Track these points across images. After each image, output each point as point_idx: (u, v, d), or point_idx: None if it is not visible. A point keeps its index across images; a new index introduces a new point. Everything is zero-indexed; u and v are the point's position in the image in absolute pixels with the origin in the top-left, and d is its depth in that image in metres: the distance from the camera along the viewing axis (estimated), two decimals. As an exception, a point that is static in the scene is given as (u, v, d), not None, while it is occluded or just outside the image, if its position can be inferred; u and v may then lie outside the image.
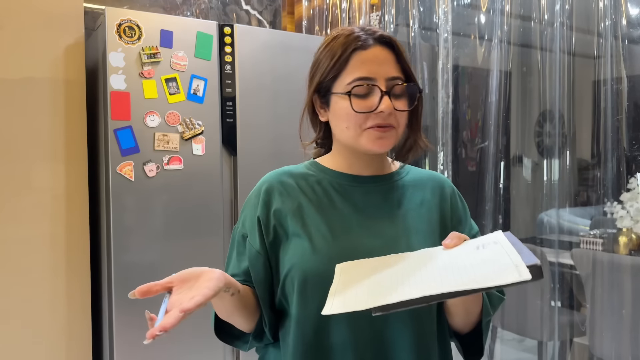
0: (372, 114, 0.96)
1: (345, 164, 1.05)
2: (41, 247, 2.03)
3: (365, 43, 0.98)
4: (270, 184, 1.04)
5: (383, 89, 0.95)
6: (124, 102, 2.00)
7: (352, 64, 0.97)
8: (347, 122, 0.98)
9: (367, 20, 2.69)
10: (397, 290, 0.75)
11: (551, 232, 2.45)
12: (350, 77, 0.97)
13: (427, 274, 0.79)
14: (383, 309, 0.73)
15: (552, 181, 2.24)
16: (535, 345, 2.70)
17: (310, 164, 1.09)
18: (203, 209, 2.14)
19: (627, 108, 1.98)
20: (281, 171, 1.07)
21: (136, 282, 2.16)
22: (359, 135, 0.98)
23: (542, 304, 2.48)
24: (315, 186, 1.04)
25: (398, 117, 0.98)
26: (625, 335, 2.10)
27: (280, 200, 1.02)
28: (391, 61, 0.98)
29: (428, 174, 1.11)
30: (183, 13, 2.82)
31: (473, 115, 2.73)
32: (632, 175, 2.13)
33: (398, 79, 0.98)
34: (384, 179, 1.06)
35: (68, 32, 2.07)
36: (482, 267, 0.75)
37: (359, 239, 0.98)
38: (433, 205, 1.05)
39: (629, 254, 2.25)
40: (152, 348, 2.04)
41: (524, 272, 0.70)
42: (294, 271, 0.97)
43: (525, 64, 2.64)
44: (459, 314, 0.99)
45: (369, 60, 0.97)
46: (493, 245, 0.80)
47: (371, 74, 0.96)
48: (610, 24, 1.96)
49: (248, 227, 1.03)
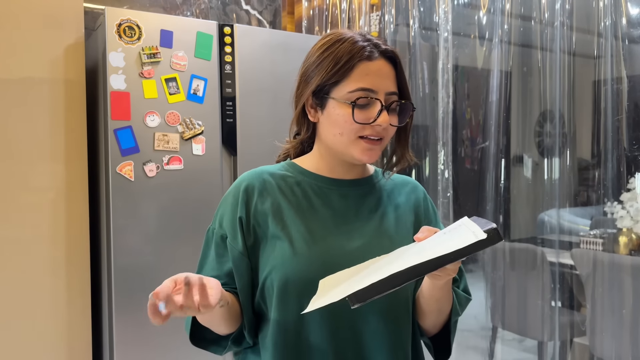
0: (368, 125, 0.97)
1: (326, 168, 1.06)
2: (41, 247, 2.02)
3: (371, 55, 0.99)
4: (249, 182, 1.04)
5: (383, 103, 0.97)
6: (124, 102, 1.99)
7: (356, 73, 0.98)
8: (342, 129, 0.99)
9: (367, 20, 2.68)
10: (367, 280, 0.77)
11: (551, 232, 2.45)
12: (352, 86, 0.97)
13: (399, 263, 0.81)
14: (358, 298, 0.75)
15: (552, 181, 2.24)
16: (535, 345, 2.70)
17: (287, 164, 1.09)
18: (203, 209, 2.14)
19: (627, 108, 1.98)
20: (259, 170, 1.07)
21: (136, 282, 2.17)
22: (351, 144, 0.99)
23: (542, 304, 2.48)
24: (294, 187, 1.04)
25: (389, 132, 1.01)
26: (625, 335, 2.10)
27: (260, 200, 1.02)
28: (392, 76, 1.00)
29: (401, 178, 1.14)
30: (183, 13, 2.82)
31: (473, 115, 2.73)
32: (632, 175, 2.13)
33: (395, 94, 1.00)
34: (361, 183, 1.07)
35: (68, 32, 2.07)
36: (446, 243, 0.80)
37: (338, 242, 0.99)
38: (407, 208, 1.08)
39: (629, 254, 2.25)
40: (152, 348, 2.04)
41: (480, 234, 0.76)
42: (274, 274, 0.97)
43: (526, 64, 2.63)
44: (432, 313, 1.02)
45: (373, 72, 0.98)
46: (458, 227, 0.85)
47: (374, 86, 0.97)
48: (610, 23, 1.96)
49: (228, 227, 1.02)
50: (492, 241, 0.76)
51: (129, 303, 2.01)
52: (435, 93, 2.45)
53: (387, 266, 0.83)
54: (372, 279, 0.76)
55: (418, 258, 0.78)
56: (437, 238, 0.86)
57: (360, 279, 0.81)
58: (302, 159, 1.09)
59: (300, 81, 1.07)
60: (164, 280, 0.83)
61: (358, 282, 0.80)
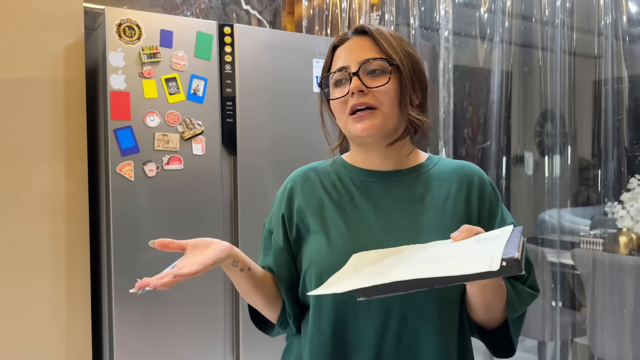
0: (349, 98, 0.97)
1: (361, 159, 1.05)
2: (41, 247, 2.02)
3: (343, 39, 1.02)
4: (294, 181, 1.07)
5: (352, 72, 0.97)
6: (124, 102, 1.99)
7: (334, 60, 1.02)
8: (336, 114, 1.01)
9: (367, 20, 2.68)
10: (380, 278, 0.76)
11: (552, 232, 2.45)
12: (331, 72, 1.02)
13: (415, 264, 0.79)
14: (364, 294, 0.75)
15: (552, 181, 2.23)
16: (536, 345, 2.70)
17: (335, 160, 1.10)
18: (203, 209, 2.14)
19: (627, 108, 1.98)
20: (308, 167, 1.09)
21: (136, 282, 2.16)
22: (347, 124, 0.99)
23: (542, 304, 2.48)
24: (336, 182, 1.05)
25: (378, 96, 0.96)
26: (625, 335, 2.10)
27: (303, 197, 1.04)
28: (366, 46, 0.99)
29: (457, 164, 1.06)
30: (183, 13, 2.82)
31: (474, 114, 2.72)
32: (633, 175, 2.12)
33: (374, 59, 0.97)
34: (405, 173, 1.03)
35: (68, 32, 2.07)
36: (464, 258, 0.75)
37: (375, 236, 0.97)
38: (459, 200, 1.00)
39: (629, 254, 2.25)
40: (152, 348, 2.04)
41: (495, 264, 0.70)
42: (311, 268, 0.98)
43: (526, 64, 2.63)
44: (479, 309, 0.96)
45: (344, 51, 1.01)
46: (494, 239, 0.79)
47: (345, 62, 0.99)
48: (611, 23, 1.96)
49: (274, 223, 1.06)
50: (505, 273, 0.69)
51: (129, 303, 2.01)
52: (436, 93, 2.45)
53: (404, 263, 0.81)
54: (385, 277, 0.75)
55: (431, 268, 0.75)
56: (468, 245, 0.81)
57: (379, 271, 0.80)
58: (348, 154, 1.10)
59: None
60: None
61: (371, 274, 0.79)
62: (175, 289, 2.07)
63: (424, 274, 0.73)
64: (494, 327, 1.02)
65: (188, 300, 2.10)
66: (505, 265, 0.69)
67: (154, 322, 2.05)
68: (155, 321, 2.05)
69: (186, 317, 2.10)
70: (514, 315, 0.97)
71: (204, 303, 2.12)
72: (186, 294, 2.09)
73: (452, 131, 2.42)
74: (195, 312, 2.12)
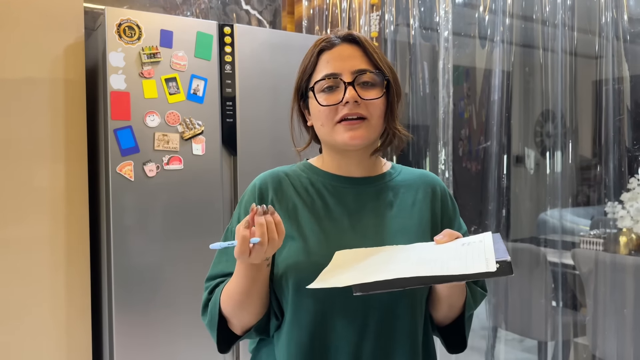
0: (340, 106, 0.98)
1: (334, 165, 1.06)
2: (41, 247, 2.02)
3: (330, 43, 1.02)
4: (264, 182, 1.06)
5: (347, 81, 0.98)
6: (124, 102, 1.99)
7: (320, 64, 1.02)
8: (320, 119, 1.01)
9: (367, 20, 2.68)
10: (376, 274, 0.80)
11: (552, 232, 2.45)
12: (318, 77, 1.01)
13: (409, 263, 0.83)
14: (362, 289, 0.78)
15: (553, 181, 2.23)
16: (536, 345, 2.70)
17: (303, 165, 1.10)
18: (203, 209, 2.13)
19: (628, 108, 1.98)
20: (275, 171, 1.09)
21: (136, 282, 2.16)
22: (332, 131, 1.00)
23: (543, 304, 2.48)
24: (309, 187, 1.05)
25: (369, 108, 0.99)
26: (626, 335, 2.09)
27: (276, 199, 1.03)
28: (358, 56, 1.00)
29: (419, 173, 1.12)
30: (183, 13, 2.82)
31: (474, 115, 2.72)
32: (633, 175, 2.12)
33: (366, 71, 0.99)
34: (375, 180, 1.06)
35: (68, 32, 2.06)
36: (459, 260, 0.81)
37: (352, 241, 0.99)
38: (424, 205, 1.06)
39: (629, 254, 2.25)
40: (152, 348, 2.04)
41: (491, 265, 0.77)
42: (288, 273, 0.97)
43: (527, 64, 2.63)
44: (443, 308, 1.02)
45: (333, 58, 1.00)
46: (477, 243, 0.86)
47: (336, 69, 0.99)
48: (611, 23, 1.96)
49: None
50: (501, 274, 0.77)
51: (129, 303, 2.00)
52: (435, 93, 2.44)
53: (397, 262, 0.84)
54: (382, 274, 0.79)
55: (428, 267, 0.79)
56: (454, 248, 0.87)
57: (369, 270, 0.83)
58: (317, 159, 1.11)
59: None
60: (164, 280, 0.85)
61: (366, 271, 0.82)
62: (175, 289, 2.07)
63: (427, 273, 0.78)
64: (446, 325, 1.08)
65: (188, 299, 2.09)
66: (500, 267, 0.76)
67: (154, 322, 2.04)
68: (155, 321, 2.04)
69: (186, 317, 2.10)
70: (469, 312, 1.05)
71: (204, 303, 2.11)
72: (186, 295, 2.09)
73: (451, 131, 2.42)
74: (196, 311, 2.11)
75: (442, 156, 2.40)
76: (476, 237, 0.89)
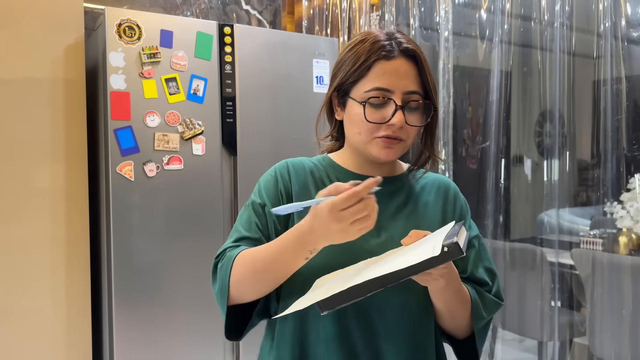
0: (384, 125, 0.97)
1: (355, 164, 1.06)
2: (41, 247, 2.03)
3: (389, 54, 0.98)
4: (286, 166, 1.06)
5: (399, 103, 0.96)
6: (124, 102, 1.99)
7: (374, 72, 0.98)
8: (359, 128, 0.99)
9: (367, 20, 2.68)
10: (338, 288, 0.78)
11: (551, 232, 2.45)
12: (369, 85, 0.97)
13: (371, 271, 0.82)
14: (326, 306, 0.76)
15: (552, 181, 2.24)
16: (535, 345, 2.70)
17: (322, 158, 1.10)
18: (203, 209, 2.14)
19: (626, 108, 1.98)
20: (296, 159, 1.08)
21: (136, 282, 2.17)
22: (369, 143, 0.99)
23: (542, 304, 2.48)
24: (325, 181, 1.05)
25: (409, 131, 0.99)
26: (625, 335, 2.10)
27: (298, 184, 1.03)
28: (412, 75, 0.99)
29: (434, 177, 1.12)
30: (183, 13, 2.82)
31: (474, 114, 2.73)
32: (632, 175, 2.13)
33: (416, 93, 0.98)
34: (392, 181, 1.07)
35: (68, 32, 2.07)
36: (410, 254, 0.80)
37: (361, 238, 0.97)
38: (436, 206, 1.07)
39: (629, 254, 2.25)
40: (152, 348, 2.04)
41: (436, 250, 0.75)
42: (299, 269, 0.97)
43: (526, 64, 2.63)
44: (444, 315, 1.01)
45: (389, 72, 0.98)
46: (437, 235, 0.84)
47: (390, 85, 0.97)
48: (610, 24, 1.96)
49: (269, 197, 1.02)
50: (448, 258, 0.75)
51: (129, 303, 2.01)
52: (435, 93, 2.44)
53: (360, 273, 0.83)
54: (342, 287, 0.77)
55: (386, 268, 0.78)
56: (417, 246, 0.86)
57: (336, 285, 0.82)
58: (337, 154, 1.10)
59: (330, 79, 1.07)
60: (164, 280, 0.84)
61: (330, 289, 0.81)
62: (175, 289, 2.08)
63: (375, 275, 0.76)
64: (462, 337, 1.05)
65: (188, 300, 2.10)
66: (447, 251, 0.74)
67: (154, 321, 2.05)
68: (155, 321, 2.05)
69: (186, 317, 2.10)
70: (479, 323, 1.02)
71: (204, 303, 2.12)
72: (186, 294, 2.09)
73: (451, 131, 2.42)
74: (195, 312, 2.12)
75: (442, 156, 2.41)
76: (439, 230, 0.89)
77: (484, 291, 1.04)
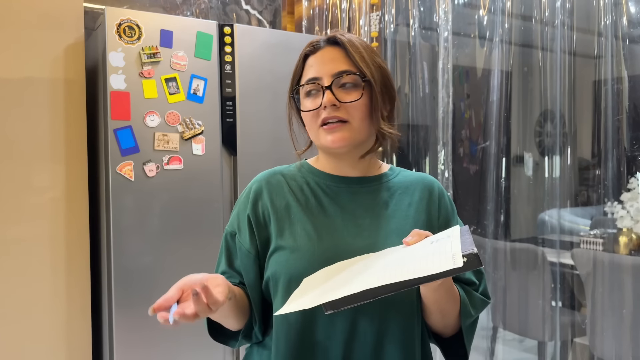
0: (321, 110, 0.98)
1: (330, 165, 1.06)
2: (41, 247, 2.02)
3: (315, 47, 1.02)
4: (259, 183, 1.06)
5: (325, 85, 0.98)
6: (124, 102, 1.99)
7: (305, 68, 1.03)
8: (306, 124, 1.03)
9: (367, 20, 2.68)
10: (344, 288, 0.78)
11: (552, 232, 2.45)
12: (303, 81, 1.02)
13: (376, 271, 0.82)
14: (332, 306, 0.76)
15: (552, 181, 2.23)
16: (536, 345, 2.70)
17: (301, 164, 1.11)
18: (203, 209, 2.14)
19: (627, 108, 1.98)
20: (272, 171, 1.09)
21: (136, 282, 2.16)
22: (317, 135, 1.01)
23: (542, 304, 2.48)
24: (304, 187, 1.05)
25: (350, 110, 0.98)
26: (625, 335, 2.10)
27: (269, 199, 1.03)
28: (339, 58, 1.00)
29: (417, 175, 1.11)
30: (183, 13, 2.82)
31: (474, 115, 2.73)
32: (633, 175, 2.13)
33: (348, 73, 0.99)
34: (372, 180, 1.06)
35: (68, 32, 2.07)
36: (426, 260, 0.79)
37: (343, 239, 0.99)
38: (420, 206, 1.05)
39: (629, 254, 2.25)
40: (152, 348, 2.04)
41: (458, 261, 0.74)
42: (278, 271, 0.97)
43: (526, 64, 2.63)
44: (433, 314, 1.00)
45: (316, 62, 1.01)
46: (446, 239, 0.84)
47: (317, 73, 1.00)
48: (610, 23, 1.96)
49: (238, 226, 1.05)
50: (468, 268, 0.75)
51: (129, 303, 2.01)
52: (435, 93, 2.45)
53: (365, 271, 0.83)
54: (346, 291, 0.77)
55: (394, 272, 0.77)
56: (423, 248, 0.85)
57: (337, 284, 0.81)
58: (314, 159, 1.11)
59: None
60: (164, 280, 0.84)
61: (334, 287, 0.81)
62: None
63: (391, 279, 0.75)
64: (449, 335, 1.05)
65: (188, 300, 2.10)
66: (467, 261, 0.74)
67: (154, 322, 2.04)
68: (155, 321, 2.03)
69: (186, 317, 2.10)
70: (467, 321, 1.02)
71: (204, 303, 2.11)
72: (186, 294, 2.09)
73: (451, 131, 2.42)
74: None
75: (442, 156, 2.41)
76: (444, 233, 0.88)
77: (471, 290, 1.04)
